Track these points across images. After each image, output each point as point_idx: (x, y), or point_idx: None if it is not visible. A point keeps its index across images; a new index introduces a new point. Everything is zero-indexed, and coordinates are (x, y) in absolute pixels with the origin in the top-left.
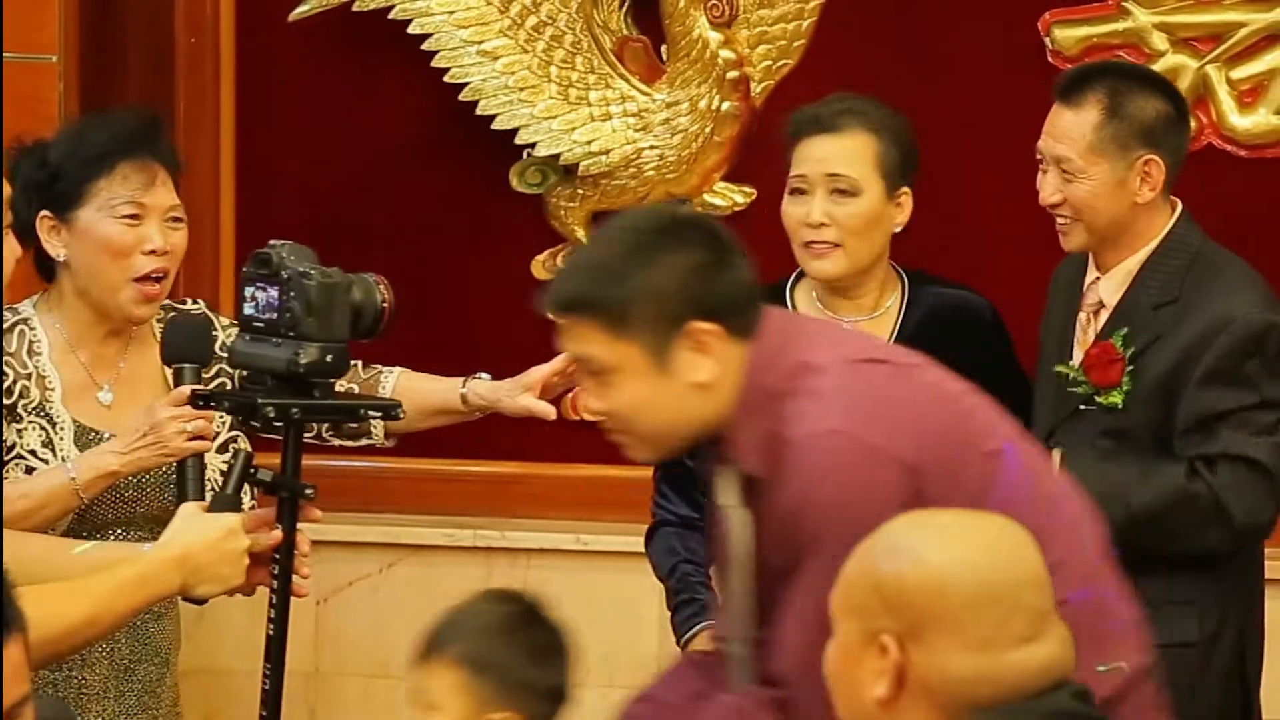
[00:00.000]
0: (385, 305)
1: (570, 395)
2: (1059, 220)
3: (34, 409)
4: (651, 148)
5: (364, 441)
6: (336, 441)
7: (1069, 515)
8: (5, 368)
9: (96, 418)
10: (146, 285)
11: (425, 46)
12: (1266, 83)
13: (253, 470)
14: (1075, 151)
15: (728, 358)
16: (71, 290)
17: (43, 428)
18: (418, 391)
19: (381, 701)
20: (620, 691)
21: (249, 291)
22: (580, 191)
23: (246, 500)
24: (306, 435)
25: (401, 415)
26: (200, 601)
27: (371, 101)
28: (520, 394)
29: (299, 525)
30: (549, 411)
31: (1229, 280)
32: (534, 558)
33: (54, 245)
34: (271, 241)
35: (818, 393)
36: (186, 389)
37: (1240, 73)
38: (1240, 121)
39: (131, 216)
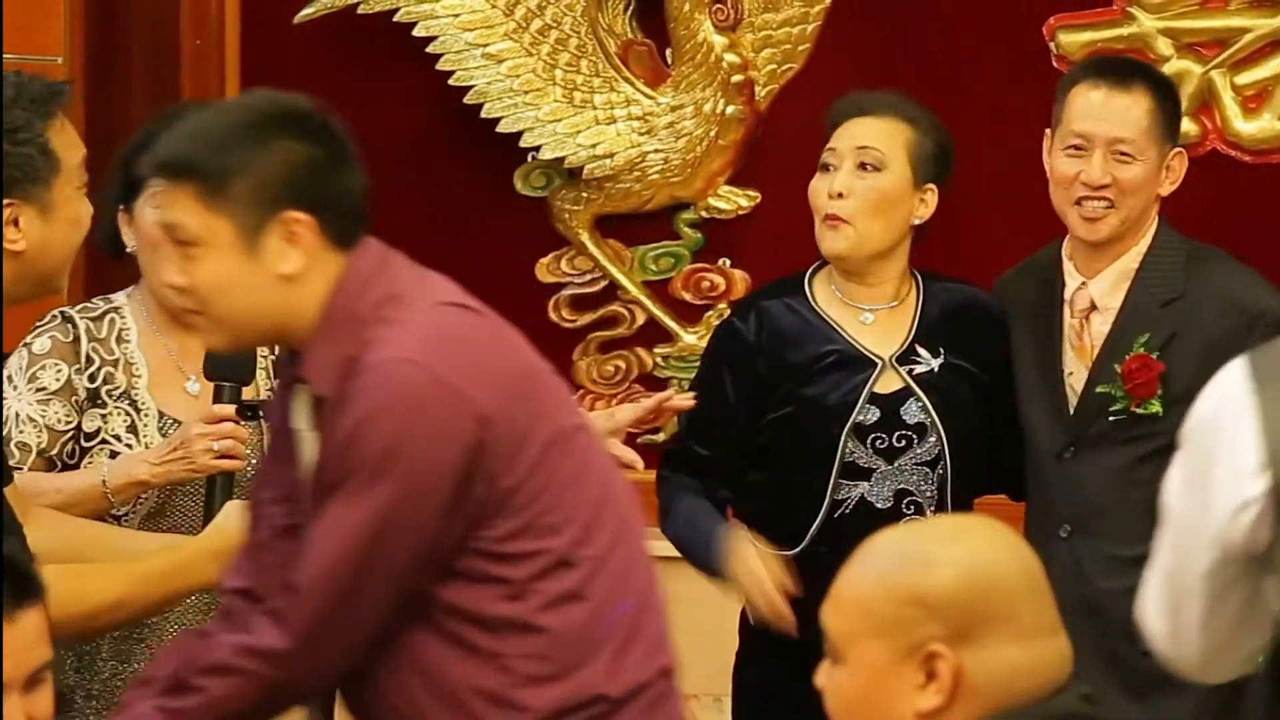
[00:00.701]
0: None
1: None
2: (1096, 205)
3: (119, 395)
4: (656, 151)
5: None
6: None
7: (622, 512)
8: (92, 354)
9: (182, 407)
10: None
11: (430, 49)
12: (1271, 88)
13: None
14: (1135, 133)
15: (319, 260)
16: (143, 278)
17: (128, 413)
18: None
19: None
20: None
21: None
22: (584, 195)
23: None
24: None
25: None
26: None
27: (376, 104)
28: (605, 437)
29: None
30: (636, 461)
31: (1230, 272)
32: None
33: (127, 236)
34: None
35: (401, 323)
36: (223, 408)
37: (1245, 78)
38: (1245, 127)
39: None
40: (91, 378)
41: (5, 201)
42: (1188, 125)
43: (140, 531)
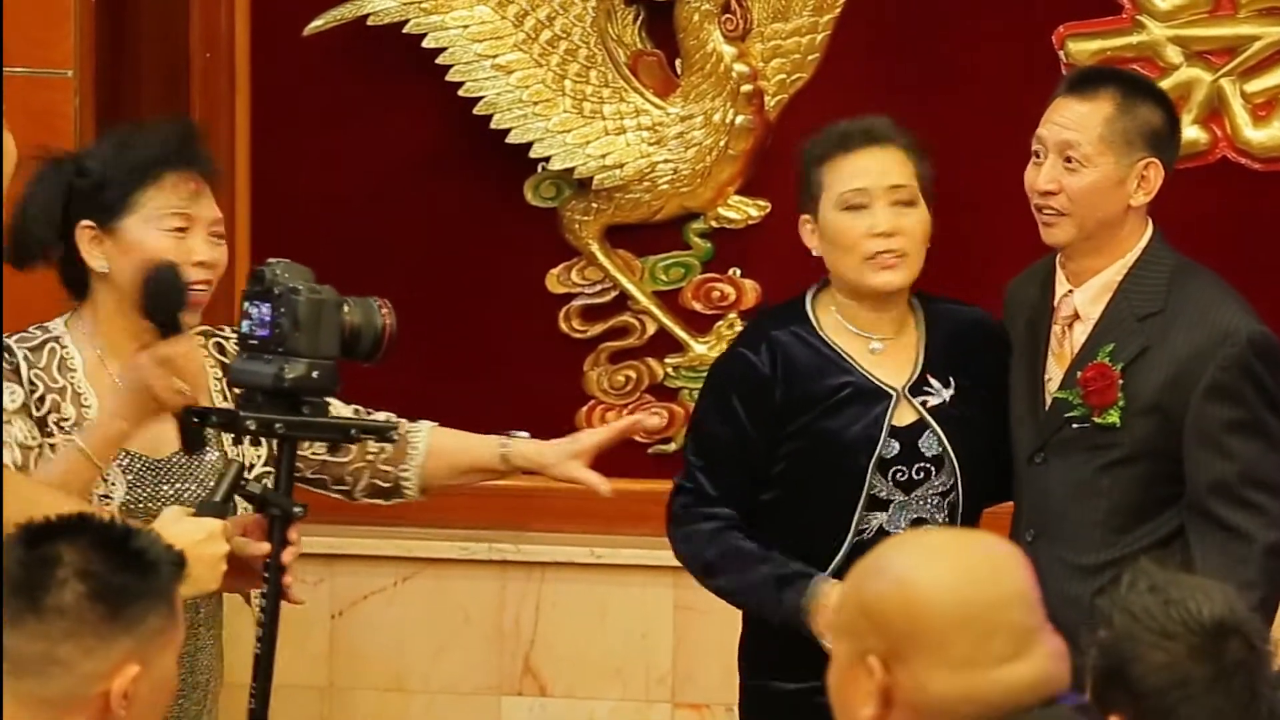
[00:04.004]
0: (386, 327)
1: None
2: (1046, 212)
3: (70, 425)
4: (665, 161)
5: (396, 500)
6: (369, 501)
7: None
8: (35, 380)
9: (137, 439)
10: (193, 294)
11: (440, 61)
12: None
13: (243, 482)
14: (1086, 139)
15: None
16: (111, 302)
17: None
18: (451, 450)
19: (396, 715)
20: (633, 704)
21: (246, 308)
22: (594, 205)
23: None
24: (338, 494)
25: (395, 438)
26: None
27: (386, 115)
28: (568, 461)
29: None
30: (602, 485)
31: (1208, 290)
32: (548, 571)
33: (94, 256)
34: (269, 260)
35: None
36: (170, 347)
37: (1254, 86)
38: (1255, 135)
39: (179, 229)
40: (38, 404)
41: None
42: (1197, 133)
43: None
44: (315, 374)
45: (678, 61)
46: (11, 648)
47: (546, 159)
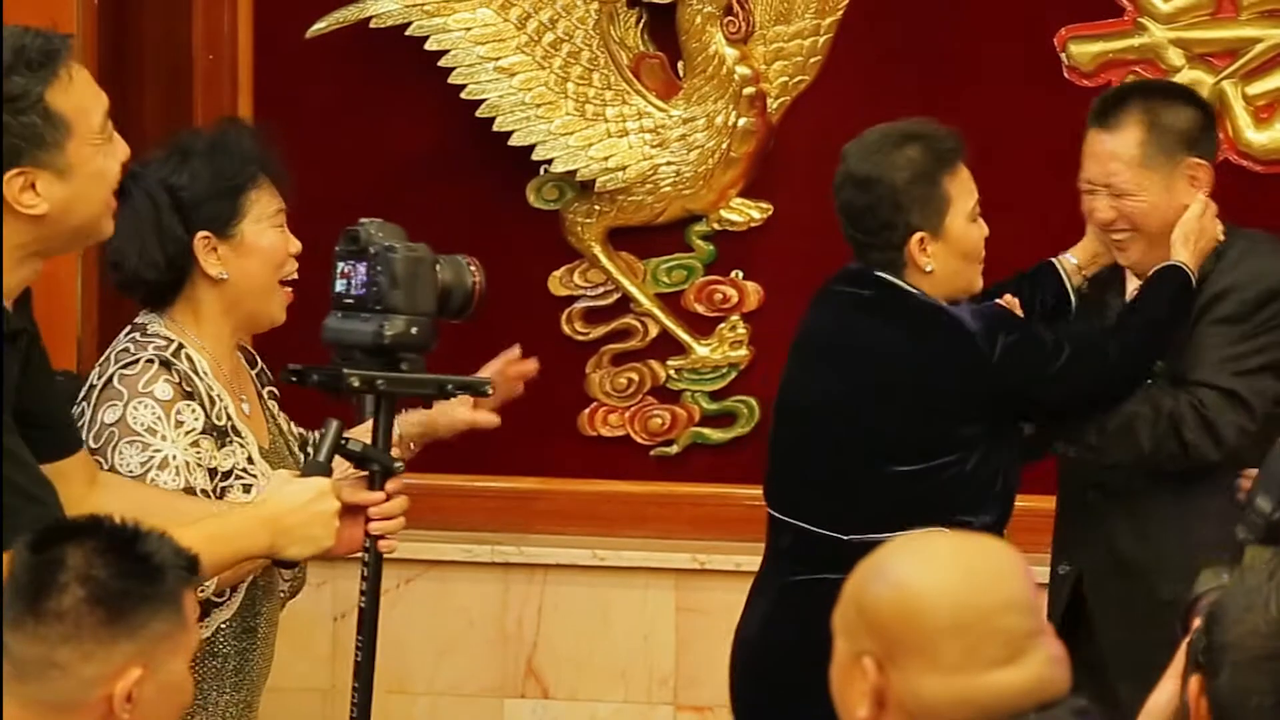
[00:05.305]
0: (476, 285)
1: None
2: (1115, 238)
3: (232, 429)
4: (668, 164)
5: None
6: None
7: None
8: (193, 391)
9: (252, 431)
10: (288, 286)
11: (442, 63)
12: None
13: (344, 441)
14: (1125, 173)
15: None
16: (219, 305)
17: (242, 445)
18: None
19: (399, 717)
20: (636, 706)
21: (340, 268)
22: (597, 207)
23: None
24: None
25: (489, 392)
26: (291, 564)
27: (388, 118)
28: (455, 409)
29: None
30: (492, 420)
31: (1242, 251)
32: (550, 573)
33: (212, 264)
34: (361, 219)
35: None
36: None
37: (1256, 88)
38: (1256, 137)
39: (281, 224)
40: (219, 417)
41: (16, 171)
42: None
43: (203, 499)
44: (414, 330)
45: (680, 64)
46: (13, 651)
47: (549, 161)
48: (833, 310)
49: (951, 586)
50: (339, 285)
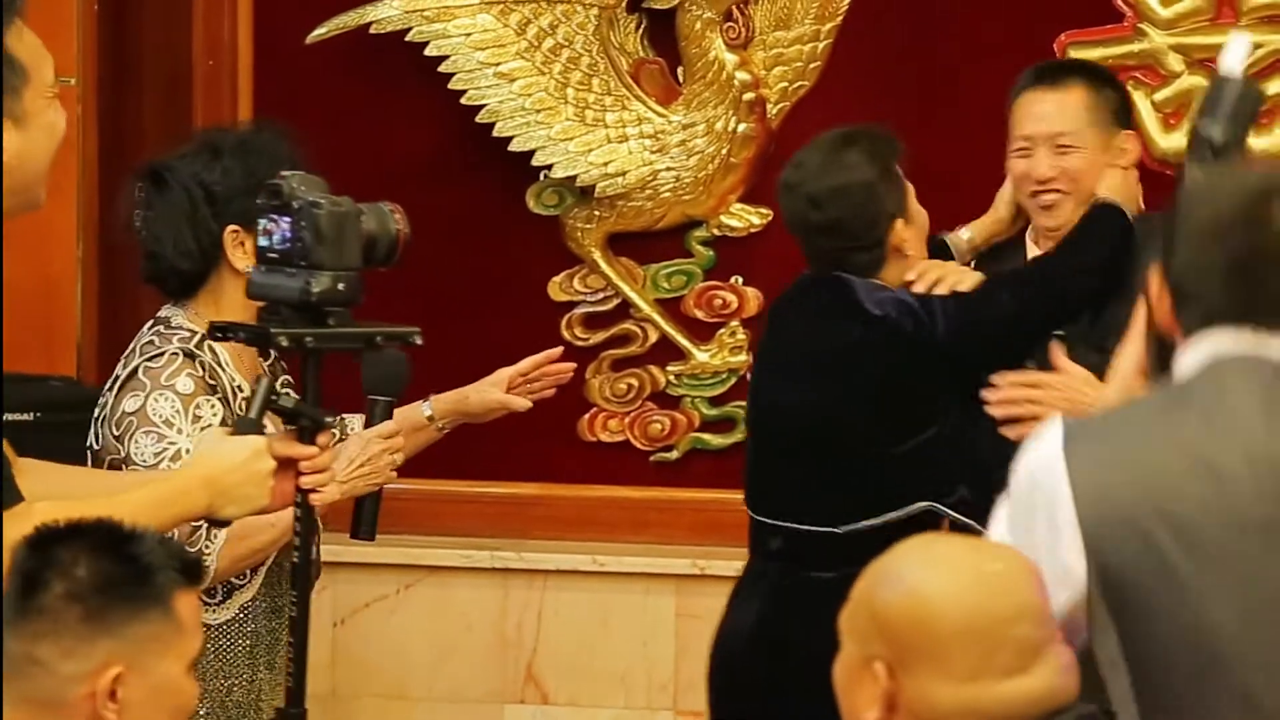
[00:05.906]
0: (400, 233)
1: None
2: (1046, 197)
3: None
4: (668, 169)
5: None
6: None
7: None
8: (216, 384)
9: (270, 418)
10: None
11: (443, 69)
12: None
13: (274, 397)
14: (1074, 124)
15: None
16: (241, 299)
17: (262, 435)
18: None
19: None
20: (636, 712)
21: (262, 224)
22: (597, 213)
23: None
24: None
25: (417, 341)
26: (225, 523)
27: (388, 124)
28: (487, 390)
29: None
30: (523, 403)
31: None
32: (550, 579)
33: (239, 257)
34: (282, 173)
35: None
36: (390, 425)
37: None
38: (1255, 143)
39: None
40: (227, 407)
41: None
42: None
43: (124, 473)
44: (341, 285)
45: (680, 69)
46: (6, 648)
47: (549, 167)
48: (797, 320)
49: (967, 595)
50: (262, 240)
